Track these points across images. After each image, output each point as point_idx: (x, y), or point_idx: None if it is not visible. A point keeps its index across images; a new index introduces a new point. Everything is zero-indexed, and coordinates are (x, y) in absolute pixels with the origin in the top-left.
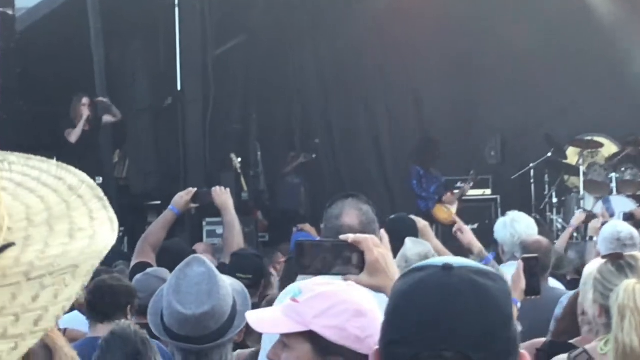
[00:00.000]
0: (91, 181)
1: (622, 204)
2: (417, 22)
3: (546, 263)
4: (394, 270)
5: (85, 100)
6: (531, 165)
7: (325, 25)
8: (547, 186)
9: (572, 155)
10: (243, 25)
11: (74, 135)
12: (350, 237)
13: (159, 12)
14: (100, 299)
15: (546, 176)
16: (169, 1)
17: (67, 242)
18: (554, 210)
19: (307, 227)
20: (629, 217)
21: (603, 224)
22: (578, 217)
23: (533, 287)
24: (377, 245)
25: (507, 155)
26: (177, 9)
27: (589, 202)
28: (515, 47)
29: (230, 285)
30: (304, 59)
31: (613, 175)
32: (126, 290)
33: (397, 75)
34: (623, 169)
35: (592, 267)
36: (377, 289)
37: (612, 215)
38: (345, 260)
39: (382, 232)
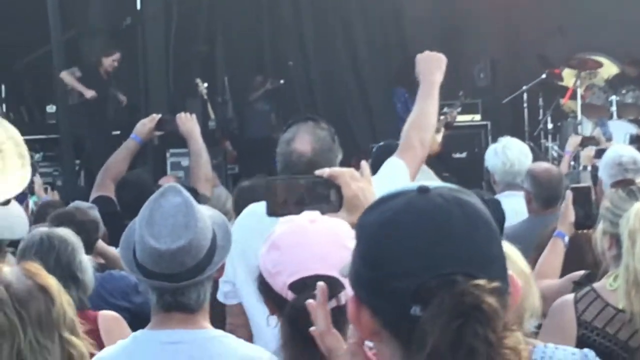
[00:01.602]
0: (19, 138)
1: (622, 128)
2: None
3: (558, 194)
4: None
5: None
6: (524, 88)
7: None
8: (541, 111)
9: (569, 76)
10: None
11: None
12: (326, 171)
13: None
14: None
15: (540, 100)
16: None
17: None
18: (549, 137)
19: None
20: (635, 140)
21: (598, 151)
22: (572, 141)
23: (584, 220)
24: (355, 179)
25: (497, 78)
26: None
27: (587, 127)
28: None
29: (210, 217)
30: None
31: (613, 97)
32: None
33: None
34: (624, 91)
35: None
36: None
37: (609, 140)
38: (322, 197)
39: (363, 163)
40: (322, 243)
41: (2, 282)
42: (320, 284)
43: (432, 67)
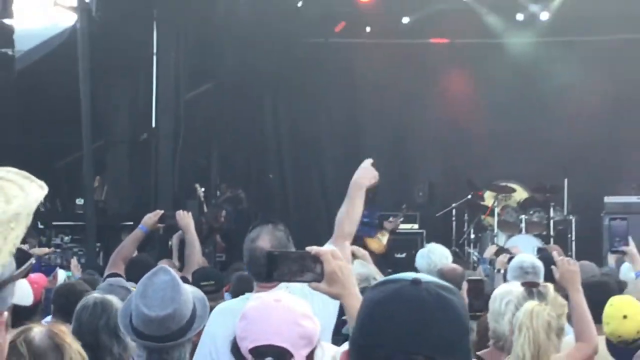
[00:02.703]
0: (16, 170)
1: (528, 241)
2: (365, 93)
3: (459, 288)
4: (350, 280)
5: None
6: (453, 205)
7: (285, 86)
8: (466, 224)
9: (489, 198)
10: (212, 73)
11: None
12: (313, 249)
13: (140, 58)
14: (65, 299)
15: (466, 215)
16: (149, 49)
17: (5, 206)
18: (471, 245)
19: None
20: (540, 251)
21: (510, 258)
22: (490, 249)
23: (477, 306)
24: (337, 257)
25: (433, 196)
26: (155, 57)
27: (502, 239)
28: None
29: (191, 292)
30: (263, 111)
31: (523, 216)
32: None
33: (345, 131)
34: (531, 211)
35: (498, 291)
36: (334, 296)
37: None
38: (309, 269)
39: (347, 245)
40: (280, 319)
41: (26, 339)
42: None
43: (366, 175)
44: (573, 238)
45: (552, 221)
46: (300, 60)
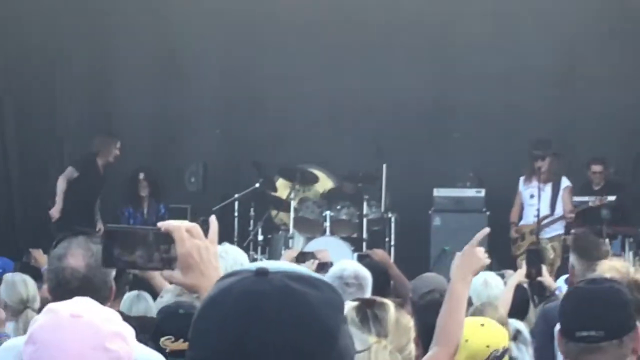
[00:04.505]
0: None
1: (334, 246)
2: None
3: None
4: (213, 267)
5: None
6: (236, 196)
7: None
8: (252, 221)
9: (283, 188)
10: None
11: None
12: (164, 224)
13: None
14: None
15: (252, 210)
16: None
17: None
18: (259, 249)
19: None
20: (362, 258)
21: (320, 265)
22: (287, 254)
23: None
24: (195, 235)
25: (209, 183)
26: None
27: (299, 241)
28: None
29: None
30: None
31: (327, 213)
32: None
33: None
34: (338, 207)
35: None
36: (191, 289)
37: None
38: (160, 251)
39: (212, 219)
40: (77, 343)
41: None
42: None
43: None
44: (392, 242)
45: (365, 219)
46: None
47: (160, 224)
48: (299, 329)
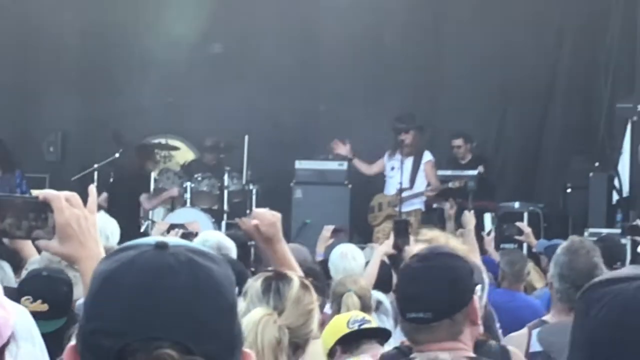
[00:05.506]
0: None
1: (195, 217)
2: None
3: None
4: (92, 237)
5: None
6: (95, 166)
7: None
8: None
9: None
10: None
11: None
12: (40, 193)
13: None
14: None
15: (112, 180)
16: None
17: None
18: None
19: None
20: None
21: (184, 235)
22: (157, 227)
23: None
24: (75, 205)
25: (68, 153)
26: None
27: (159, 213)
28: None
29: None
30: None
31: (187, 184)
32: None
33: None
34: (199, 178)
35: None
36: (68, 259)
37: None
38: (38, 220)
39: (91, 188)
40: None
41: None
42: None
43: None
44: None
45: (226, 191)
46: None
47: (37, 192)
48: (207, 304)
